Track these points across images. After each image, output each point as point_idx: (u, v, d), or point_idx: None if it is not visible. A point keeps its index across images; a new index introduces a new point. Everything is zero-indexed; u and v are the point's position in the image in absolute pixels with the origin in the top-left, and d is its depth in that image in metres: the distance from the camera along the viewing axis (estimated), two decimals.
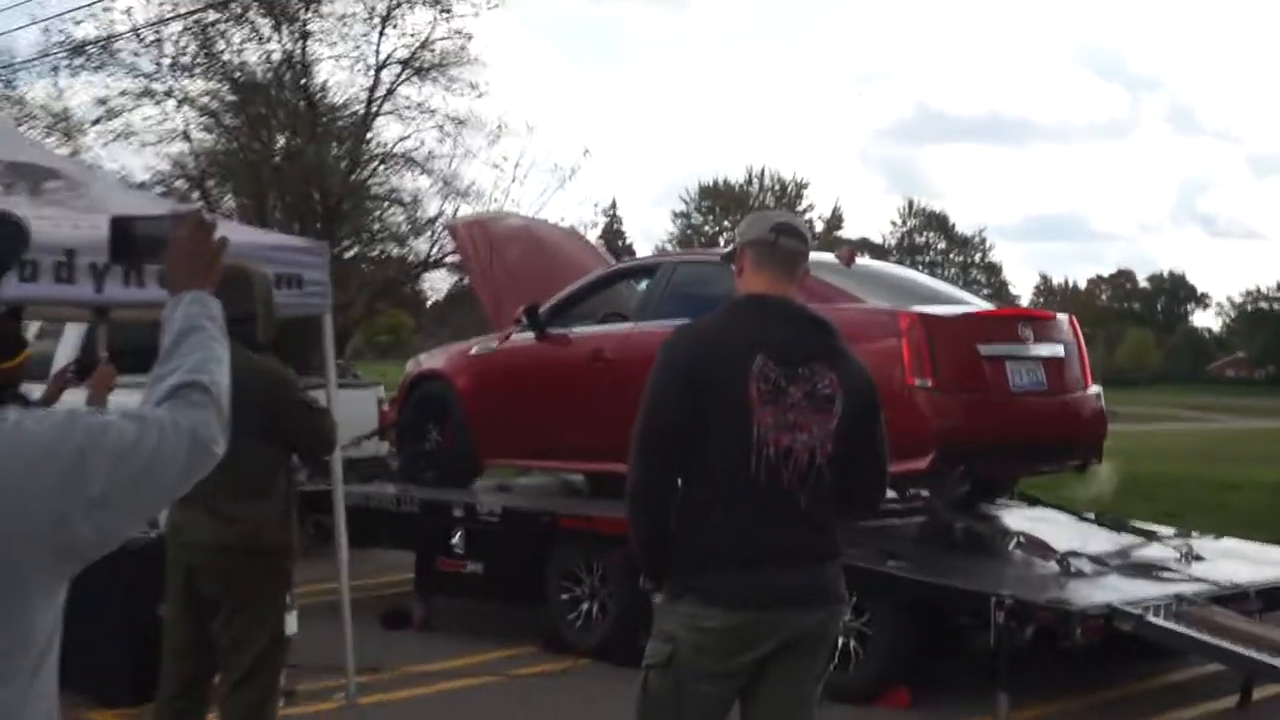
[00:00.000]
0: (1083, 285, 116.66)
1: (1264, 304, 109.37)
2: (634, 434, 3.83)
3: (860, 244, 74.18)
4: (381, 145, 22.43)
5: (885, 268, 11.00)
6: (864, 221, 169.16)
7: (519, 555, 9.34)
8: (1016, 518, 8.99)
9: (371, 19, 21.42)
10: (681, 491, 3.82)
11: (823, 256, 8.75)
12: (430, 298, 31.29)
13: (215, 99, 21.37)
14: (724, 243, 57.73)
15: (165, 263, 2.51)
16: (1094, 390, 8.79)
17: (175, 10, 20.32)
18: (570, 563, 9.07)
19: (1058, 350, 8.51)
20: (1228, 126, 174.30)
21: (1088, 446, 8.76)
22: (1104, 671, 8.06)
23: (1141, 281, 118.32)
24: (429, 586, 9.88)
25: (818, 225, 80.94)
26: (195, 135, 21.63)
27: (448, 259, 21.70)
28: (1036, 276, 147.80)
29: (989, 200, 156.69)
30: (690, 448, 3.76)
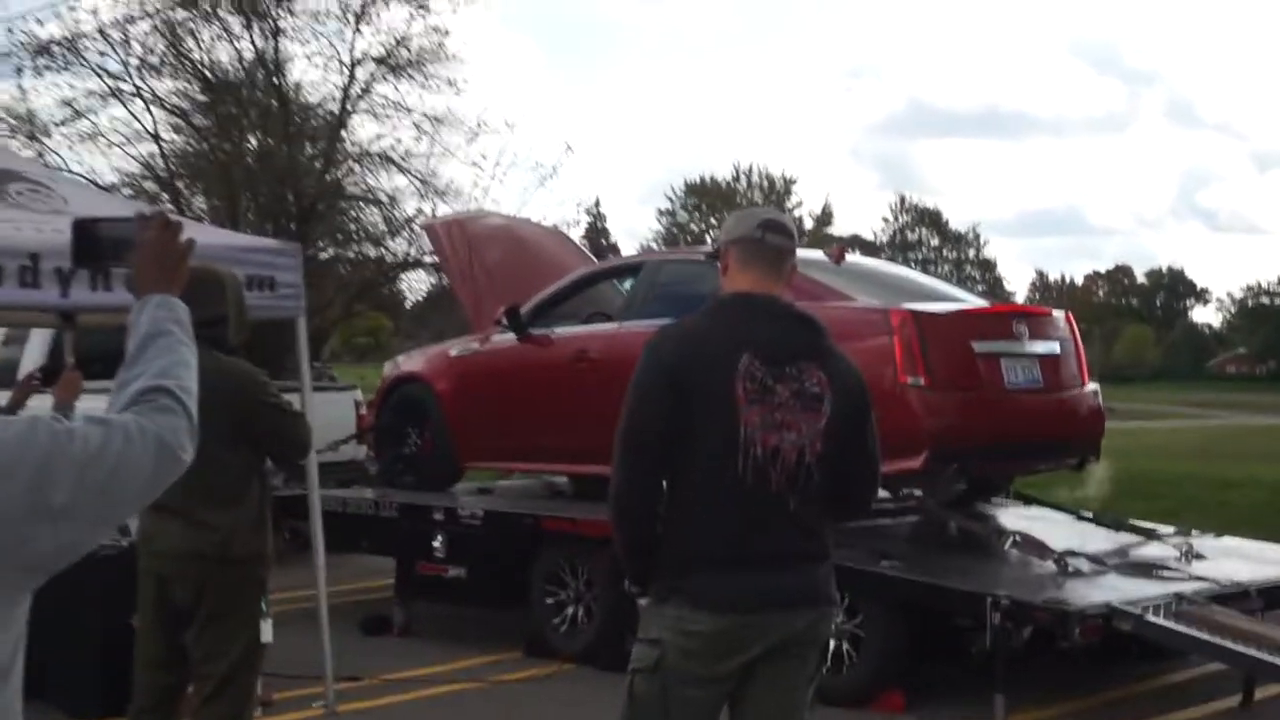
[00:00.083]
0: (1080, 281, 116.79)
1: (1265, 299, 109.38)
2: (617, 435, 3.77)
3: (851, 241, 74.09)
4: (357, 144, 22.28)
5: (876, 265, 11.08)
6: (855, 218, 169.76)
7: (501, 559, 9.26)
8: (1012, 517, 8.96)
9: (345, 16, 21.26)
10: (667, 493, 3.75)
11: (812, 254, 8.69)
12: (409, 299, 31.09)
13: (185, 98, 21.18)
14: (710, 241, 57.82)
15: (131, 266, 2.48)
16: (1091, 387, 8.77)
17: (143, 7, 20.13)
18: (554, 566, 8.98)
19: (1054, 347, 8.47)
20: (1229, 120, 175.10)
21: (1085, 444, 8.73)
22: (1103, 672, 8.01)
23: (1140, 277, 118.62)
24: (409, 592, 9.80)
25: (807, 222, 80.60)
26: (165, 136, 21.44)
27: (426, 259, 21.53)
28: (1032, 273, 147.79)
29: (983, 195, 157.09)
30: (675, 449, 3.68)
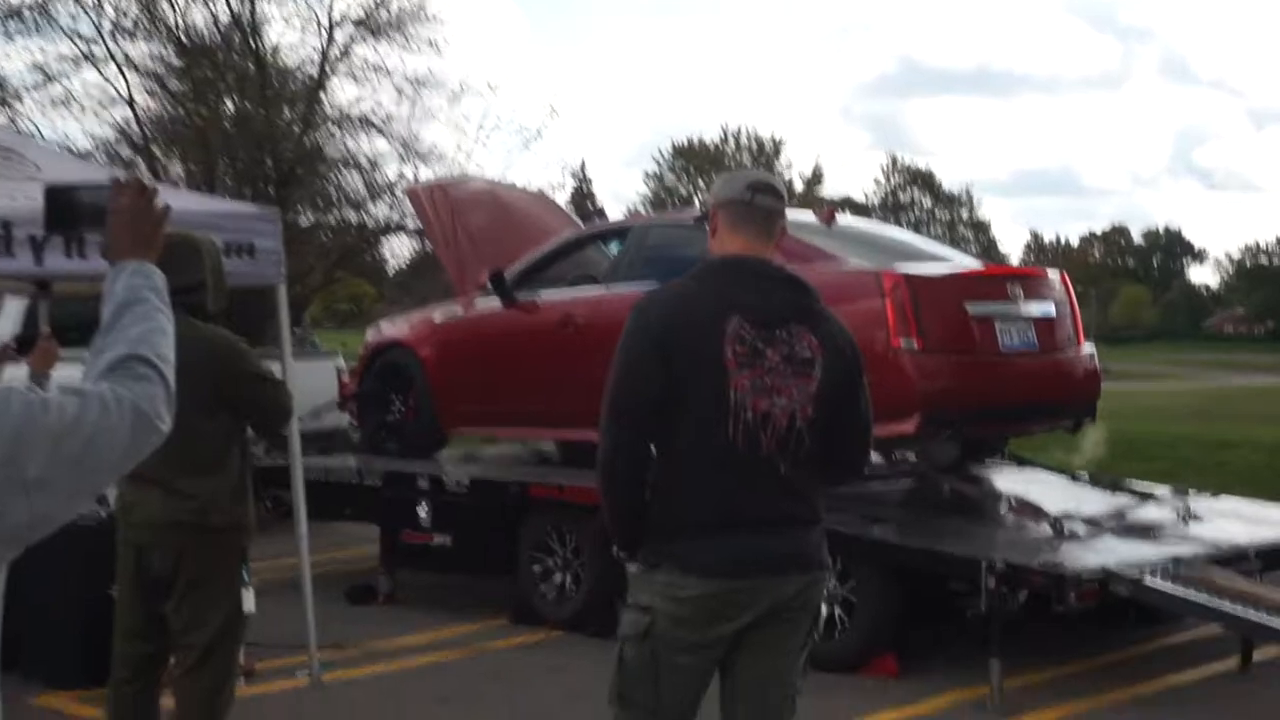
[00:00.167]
0: (1075, 242, 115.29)
1: (1263, 258, 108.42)
2: (604, 401, 3.72)
3: (842, 203, 73.76)
4: (336, 108, 22.06)
5: (868, 226, 11.01)
6: (846, 179, 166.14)
7: (488, 526, 9.16)
8: (1007, 480, 8.90)
9: None
10: (656, 459, 3.71)
11: (802, 215, 8.57)
12: (392, 265, 30.92)
13: (160, 62, 20.93)
14: (698, 204, 57.63)
15: (106, 232, 2.43)
16: (1087, 349, 8.68)
17: None
18: (542, 533, 8.89)
19: (1049, 309, 8.38)
20: (1224, 77, 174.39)
21: (1081, 406, 8.65)
22: (1099, 636, 7.95)
23: (1136, 238, 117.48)
24: (394, 560, 9.70)
25: (797, 184, 79.63)
26: (139, 100, 21.19)
27: (409, 223, 21.33)
28: (1027, 234, 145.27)
29: (976, 155, 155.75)
30: (664, 414, 3.65)
